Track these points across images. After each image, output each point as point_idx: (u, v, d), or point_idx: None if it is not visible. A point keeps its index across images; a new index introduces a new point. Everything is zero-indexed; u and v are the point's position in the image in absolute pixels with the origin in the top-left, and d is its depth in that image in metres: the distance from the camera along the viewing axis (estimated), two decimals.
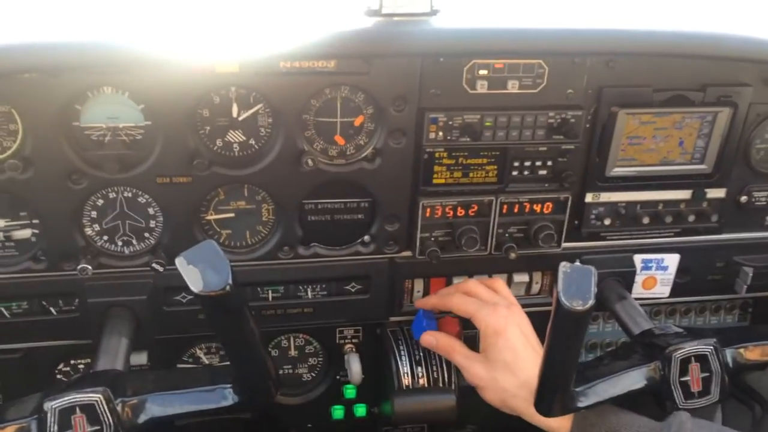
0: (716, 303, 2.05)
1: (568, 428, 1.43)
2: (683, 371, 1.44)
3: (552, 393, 1.32)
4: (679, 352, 1.44)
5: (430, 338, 1.66)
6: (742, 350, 1.51)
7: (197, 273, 1.10)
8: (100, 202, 1.52)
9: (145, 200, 1.53)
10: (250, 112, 1.50)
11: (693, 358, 1.44)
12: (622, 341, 2.01)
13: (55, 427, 1.23)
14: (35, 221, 1.51)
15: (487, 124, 1.56)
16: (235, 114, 1.49)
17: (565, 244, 1.73)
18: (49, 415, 1.23)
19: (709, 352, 1.46)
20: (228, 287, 1.10)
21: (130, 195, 1.52)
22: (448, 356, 1.64)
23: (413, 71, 1.49)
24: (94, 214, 1.53)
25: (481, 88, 1.53)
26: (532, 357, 1.49)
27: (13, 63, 1.30)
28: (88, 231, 1.54)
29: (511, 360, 1.49)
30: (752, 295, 1.95)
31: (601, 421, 1.39)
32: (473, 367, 1.55)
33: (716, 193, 1.77)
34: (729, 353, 1.50)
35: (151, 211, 1.55)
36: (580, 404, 1.36)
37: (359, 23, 1.42)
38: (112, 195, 1.52)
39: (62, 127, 1.41)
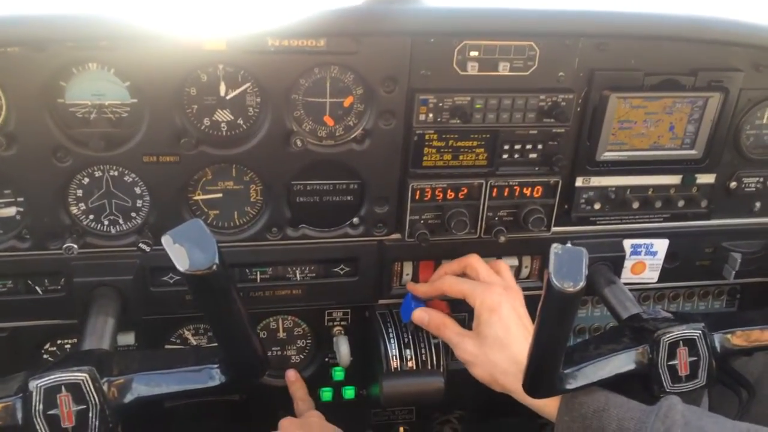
0: (704, 288, 2.06)
1: (556, 406, 1.43)
2: (671, 355, 1.44)
3: (540, 374, 1.32)
4: (668, 335, 1.44)
5: (422, 314, 1.66)
6: (729, 335, 1.52)
7: (183, 252, 1.08)
8: (86, 180, 1.50)
9: (131, 179, 1.51)
10: (238, 91, 1.48)
11: (681, 342, 1.45)
12: (610, 326, 2.02)
13: (41, 406, 1.22)
14: (20, 199, 1.49)
15: (478, 106, 1.55)
16: (222, 93, 1.47)
17: (554, 229, 1.72)
18: (34, 393, 1.23)
19: (697, 337, 1.46)
20: (214, 266, 1.08)
21: (116, 174, 1.51)
22: (439, 333, 1.63)
23: (403, 51, 1.48)
24: (79, 192, 1.51)
25: (472, 69, 1.52)
26: (523, 335, 1.48)
27: None
28: (74, 210, 1.52)
29: (502, 336, 1.48)
30: (740, 281, 1.96)
31: (590, 400, 1.39)
32: (464, 343, 1.54)
33: (706, 178, 1.77)
34: (717, 338, 1.50)
35: (137, 190, 1.53)
36: (569, 386, 1.36)
37: (349, 1, 1.41)
38: (98, 174, 1.50)
39: (47, 104, 1.39)
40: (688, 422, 1.28)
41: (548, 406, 1.44)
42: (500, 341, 1.48)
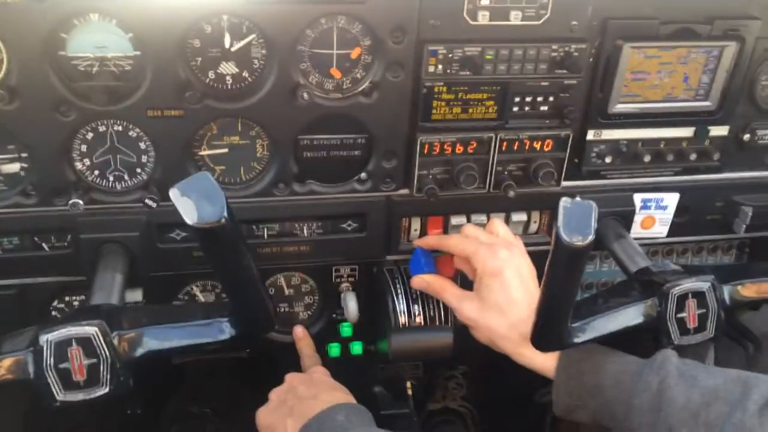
0: (713, 243, 2.05)
1: (554, 366, 1.44)
2: (680, 307, 1.44)
3: (549, 328, 1.32)
4: (677, 288, 1.44)
5: (420, 281, 1.65)
6: (738, 287, 1.52)
7: (191, 204, 1.07)
8: (90, 135, 1.48)
9: (136, 134, 1.49)
10: (243, 42, 1.44)
11: (690, 295, 1.45)
12: (619, 281, 2.02)
13: (52, 360, 1.23)
14: (24, 155, 1.47)
15: (488, 57, 1.52)
16: (227, 44, 1.44)
17: (564, 183, 1.71)
18: (45, 347, 1.23)
19: (706, 289, 1.46)
20: (223, 219, 1.07)
21: (120, 129, 1.48)
22: (439, 296, 1.62)
23: (412, 0, 1.44)
24: (84, 148, 1.49)
25: (483, 19, 1.48)
26: (525, 299, 1.46)
27: None
28: (79, 165, 1.50)
29: (503, 302, 1.46)
30: (750, 235, 1.95)
31: (587, 357, 1.41)
32: (464, 307, 1.53)
33: (719, 130, 1.74)
34: (726, 290, 1.51)
35: (142, 145, 1.51)
36: (577, 340, 1.36)
37: None
38: (102, 128, 1.48)
39: (48, 57, 1.36)
40: (682, 373, 1.31)
41: (546, 365, 1.45)
42: (500, 307, 1.47)
